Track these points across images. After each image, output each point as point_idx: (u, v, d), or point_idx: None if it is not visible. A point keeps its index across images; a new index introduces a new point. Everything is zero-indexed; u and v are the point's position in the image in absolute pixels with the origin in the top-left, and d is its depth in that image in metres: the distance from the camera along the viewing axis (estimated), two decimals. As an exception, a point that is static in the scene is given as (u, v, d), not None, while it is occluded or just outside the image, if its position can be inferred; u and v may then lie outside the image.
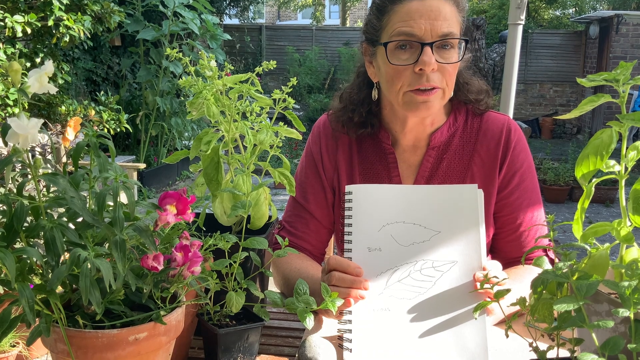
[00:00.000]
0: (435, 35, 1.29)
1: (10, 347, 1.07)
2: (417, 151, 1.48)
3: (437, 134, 1.46)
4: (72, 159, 0.80)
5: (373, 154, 1.51)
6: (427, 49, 1.29)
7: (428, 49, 1.29)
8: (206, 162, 1.15)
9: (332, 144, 1.54)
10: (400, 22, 1.31)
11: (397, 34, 1.31)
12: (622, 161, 0.81)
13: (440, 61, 1.31)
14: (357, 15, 21.64)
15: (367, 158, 1.51)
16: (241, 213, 1.04)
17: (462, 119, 1.49)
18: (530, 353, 0.83)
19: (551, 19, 15.27)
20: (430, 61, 1.28)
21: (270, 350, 1.16)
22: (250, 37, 13.46)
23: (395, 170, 1.48)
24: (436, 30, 1.29)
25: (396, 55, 1.32)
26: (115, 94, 6.44)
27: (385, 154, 1.49)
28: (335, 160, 1.52)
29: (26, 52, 4.58)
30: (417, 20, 1.29)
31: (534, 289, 0.82)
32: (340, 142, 1.53)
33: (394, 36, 1.32)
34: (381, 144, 1.49)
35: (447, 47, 1.32)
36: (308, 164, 1.56)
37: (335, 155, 1.53)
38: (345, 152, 1.52)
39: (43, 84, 0.78)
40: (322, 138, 1.55)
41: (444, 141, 1.47)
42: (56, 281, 0.73)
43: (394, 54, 1.32)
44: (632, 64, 0.78)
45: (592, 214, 6.71)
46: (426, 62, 1.28)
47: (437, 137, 1.46)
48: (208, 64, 1.13)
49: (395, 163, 1.48)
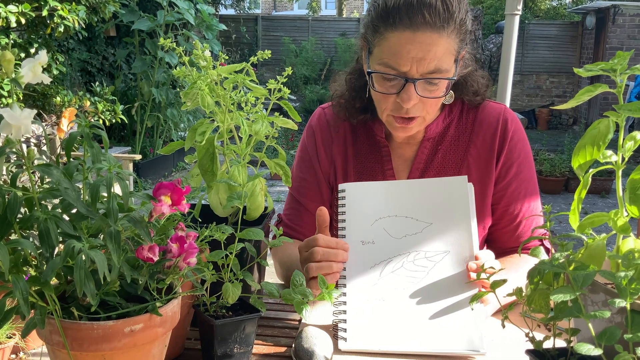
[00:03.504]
0: (421, 72, 1.24)
1: (6, 338, 1.07)
2: (411, 144, 1.48)
3: (432, 126, 1.44)
4: (65, 149, 0.80)
5: (367, 147, 1.50)
6: (410, 85, 1.26)
7: (411, 86, 1.26)
8: (201, 153, 1.15)
9: (328, 138, 1.53)
10: (388, 54, 1.26)
11: (384, 64, 1.27)
12: (619, 151, 0.81)
13: (424, 95, 1.28)
14: (353, 5, 21.56)
15: (361, 151, 1.50)
16: (237, 204, 1.03)
17: (458, 110, 1.47)
18: (526, 343, 0.83)
19: (548, 10, 15.24)
20: (410, 98, 1.27)
21: (267, 340, 1.16)
22: (246, 27, 13.40)
23: (388, 164, 1.47)
24: (423, 67, 1.24)
25: (381, 83, 1.31)
26: (111, 85, 6.41)
27: (379, 147, 1.49)
28: (331, 154, 1.52)
29: (20, 43, 4.54)
30: (403, 55, 1.23)
31: (530, 279, 0.82)
32: (335, 136, 1.53)
33: (381, 65, 1.28)
34: (375, 137, 1.49)
35: (433, 82, 1.28)
36: (302, 159, 1.56)
37: (331, 149, 1.52)
38: (340, 146, 1.52)
39: (36, 74, 0.77)
40: (317, 133, 1.55)
41: (439, 132, 1.46)
42: (50, 273, 0.72)
43: (380, 81, 1.31)
44: (629, 53, 0.78)
45: (587, 204, 6.73)
46: (405, 99, 1.27)
47: (432, 129, 1.45)
48: (202, 54, 1.12)
49: (388, 156, 1.47)
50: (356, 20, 14.05)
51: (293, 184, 1.51)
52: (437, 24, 1.22)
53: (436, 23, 1.22)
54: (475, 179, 1.41)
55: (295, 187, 1.54)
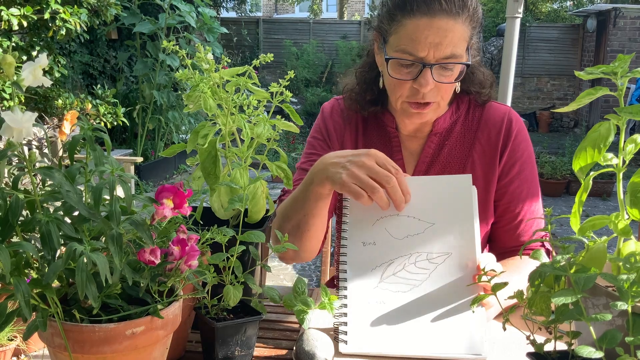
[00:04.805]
0: (437, 57, 1.29)
1: (8, 340, 1.07)
2: (418, 137, 1.51)
3: (440, 121, 1.48)
4: (68, 152, 0.80)
5: (377, 137, 1.53)
6: (427, 70, 1.30)
7: (428, 70, 1.30)
8: (204, 156, 1.15)
9: (340, 125, 1.56)
10: (406, 40, 1.30)
11: (401, 51, 1.31)
12: (620, 154, 0.81)
13: (439, 80, 1.32)
14: (354, 8, 21.57)
15: (371, 140, 1.54)
16: (238, 207, 1.04)
17: (465, 108, 1.52)
18: (527, 346, 0.83)
19: (549, 12, 15.25)
20: (427, 83, 1.31)
21: (268, 343, 1.16)
22: (248, 30, 13.40)
23: (398, 154, 1.51)
24: (439, 53, 1.28)
25: (397, 69, 1.34)
26: (112, 88, 6.42)
27: (389, 138, 1.52)
28: (342, 140, 1.55)
29: (22, 46, 4.56)
30: (421, 41, 1.28)
31: (531, 282, 0.82)
32: (347, 125, 1.56)
33: (398, 52, 1.32)
34: (386, 127, 1.53)
35: (448, 67, 1.32)
36: (315, 138, 1.58)
37: (343, 136, 1.56)
38: (351, 134, 1.55)
39: (37, 77, 0.77)
40: (331, 117, 1.58)
41: (446, 128, 1.50)
42: (52, 275, 0.73)
43: (396, 67, 1.34)
44: (630, 56, 0.78)
45: (588, 207, 6.72)
46: (423, 84, 1.31)
47: (439, 124, 1.48)
48: (205, 57, 1.12)
49: (399, 147, 1.51)
50: (357, 23, 14.05)
51: (303, 159, 1.54)
52: (452, 10, 1.27)
53: (452, 10, 1.27)
54: (480, 175, 1.46)
55: (304, 161, 1.56)
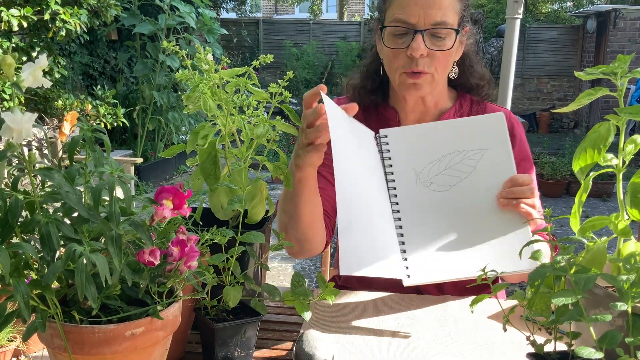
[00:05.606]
0: (427, 23, 1.36)
1: (7, 341, 1.07)
2: None
3: (445, 116, 1.52)
4: (67, 153, 0.80)
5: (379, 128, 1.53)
6: (418, 36, 1.36)
7: (419, 36, 1.36)
8: (203, 157, 1.15)
9: None
10: (398, 9, 1.39)
11: (394, 20, 1.39)
12: (620, 155, 0.81)
13: (431, 48, 1.38)
14: (354, 9, 21.58)
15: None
16: (238, 207, 1.04)
17: (467, 107, 1.55)
18: (527, 347, 0.83)
19: (549, 13, 15.25)
20: (419, 47, 1.36)
21: (268, 344, 1.16)
22: (248, 31, 13.40)
23: None
24: (429, 18, 1.36)
25: (392, 40, 1.41)
26: (112, 88, 6.43)
27: None
28: None
29: (22, 46, 4.56)
30: (412, 7, 1.37)
31: (531, 282, 0.82)
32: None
33: (392, 22, 1.40)
34: (388, 122, 1.55)
35: (440, 35, 1.38)
36: None
37: None
38: None
39: (37, 78, 0.77)
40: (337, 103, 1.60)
41: None
42: (52, 276, 0.73)
43: (391, 38, 1.41)
44: (630, 57, 0.78)
45: (588, 208, 6.72)
46: (414, 48, 1.37)
47: (444, 119, 1.52)
48: (204, 58, 1.12)
49: None
50: (357, 24, 14.05)
51: None
52: None
53: None
54: None
55: None
